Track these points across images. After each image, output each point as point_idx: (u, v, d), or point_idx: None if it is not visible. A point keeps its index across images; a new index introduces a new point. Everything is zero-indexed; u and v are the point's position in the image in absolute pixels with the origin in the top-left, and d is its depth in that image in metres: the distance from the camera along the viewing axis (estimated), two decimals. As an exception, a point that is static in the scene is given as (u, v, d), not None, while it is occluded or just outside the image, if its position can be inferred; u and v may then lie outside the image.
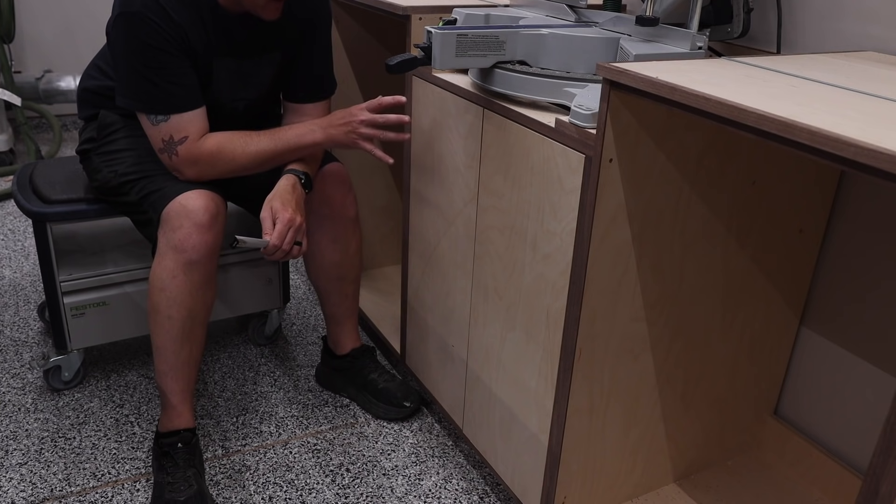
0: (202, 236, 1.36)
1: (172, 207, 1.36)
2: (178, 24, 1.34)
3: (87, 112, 1.59)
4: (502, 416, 1.39)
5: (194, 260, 1.36)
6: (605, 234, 1.09)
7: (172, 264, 1.36)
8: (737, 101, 0.81)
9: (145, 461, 1.55)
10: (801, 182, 1.27)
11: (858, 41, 1.26)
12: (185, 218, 1.35)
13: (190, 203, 1.36)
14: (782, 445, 1.48)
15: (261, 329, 1.96)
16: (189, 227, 1.35)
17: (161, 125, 1.39)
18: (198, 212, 1.35)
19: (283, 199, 1.42)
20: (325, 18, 1.54)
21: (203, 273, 1.38)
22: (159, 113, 1.38)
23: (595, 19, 1.40)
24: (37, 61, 3.39)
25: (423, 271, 1.60)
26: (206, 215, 1.36)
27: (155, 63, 1.34)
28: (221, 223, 1.41)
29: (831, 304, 1.38)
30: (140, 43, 1.32)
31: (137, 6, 1.31)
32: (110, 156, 1.51)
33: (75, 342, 1.70)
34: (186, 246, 1.35)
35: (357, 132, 1.44)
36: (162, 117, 1.38)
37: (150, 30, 1.32)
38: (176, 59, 1.35)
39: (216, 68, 1.43)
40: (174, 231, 1.35)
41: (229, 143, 1.42)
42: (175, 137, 1.39)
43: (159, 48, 1.33)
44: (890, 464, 0.71)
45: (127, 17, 1.32)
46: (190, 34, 1.36)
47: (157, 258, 1.38)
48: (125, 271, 1.70)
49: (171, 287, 1.37)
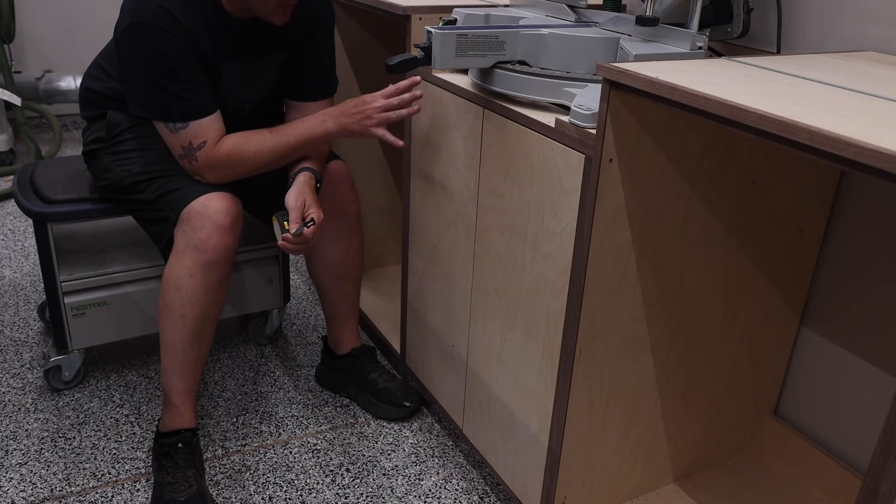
0: (223, 238, 1.37)
1: (194, 207, 1.37)
2: (188, 29, 1.34)
3: (91, 112, 1.59)
4: (502, 416, 1.39)
5: (213, 260, 1.37)
6: (605, 234, 1.09)
7: (191, 263, 1.37)
8: (737, 101, 0.81)
9: (145, 461, 1.55)
10: (801, 182, 1.27)
11: (858, 41, 1.26)
12: (207, 219, 1.36)
13: (212, 205, 1.37)
14: (782, 445, 1.48)
15: (261, 329, 1.96)
16: (210, 228, 1.36)
17: (180, 132, 1.39)
18: (220, 213, 1.36)
19: (313, 196, 1.44)
20: (327, 18, 1.54)
21: (220, 274, 1.39)
22: (178, 120, 1.39)
23: (595, 19, 1.40)
24: (37, 61, 3.39)
25: (423, 271, 1.60)
26: (228, 217, 1.37)
27: (169, 72, 1.35)
28: (241, 226, 1.42)
29: (831, 304, 1.38)
30: (153, 52, 1.33)
31: (149, 17, 1.31)
32: (122, 155, 1.51)
33: (76, 342, 1.70)
34: (207, 246, 1.36)
35: (372, 118, 1.43)
36: (181, 125, 1.39)
37: (163, 39, 1.32)
38: (189, 66, 1.36)
39: (224, 72, 1.45)
40: (195, 231, 1.36)
41: (244, 144, 1.43)
42: (194, 143, 1.40)
43: (172, 56, 1.34)
44: (890, 464, 0.71)
45: (138, 28, 1.32)
46: (199, 39, 1.37)
47: (174, 256, 1.39)
48: (126, 271, 1.70)
49: (187, 286, 1.37)
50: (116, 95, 1.53)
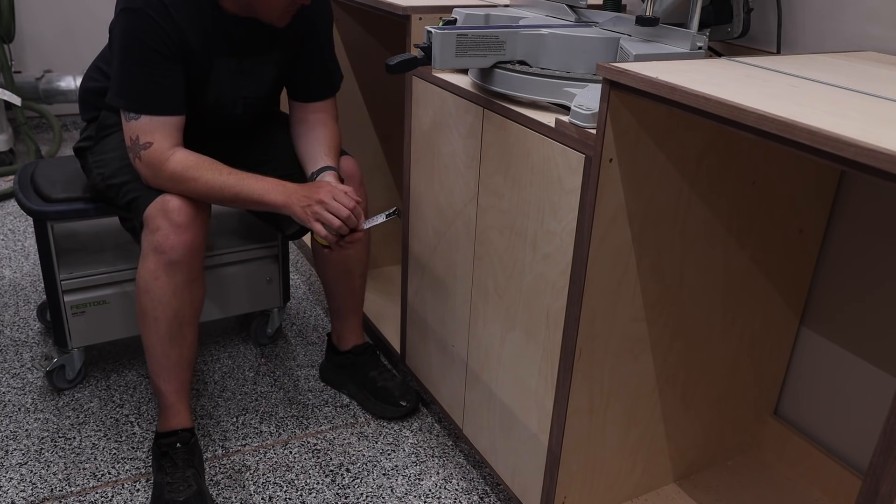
0: (180, 236, 1.35)
1: (153, 208, 1.36)
2: (178, 23, 1.34)
3: (90, 114, 1.59)
4: (502, 416, 1.39)
5: (174, 260, 1.36)
6: (605, 234, 1.09)
7: (154, 266, 1.36)
8: (737, 101, 0.81)
9: (145, 461, 1.55)
10: (801, 182, 1.27)
11: (858, 41, 1.26)
12: (163, 219, 1.35)
13: (168, 204, 1.36)
14: (782, 445, 1.48)
15: (263, 328, 1.97)
16: (167, 228, 1.35)
17: (131, 122, 1.37)
18: (174, 212, 1.35)
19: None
20: (325, 17, 1.54)
21: (186, 273, 1.38)
22: (132, 110, 1.37)
23: (595, 19, 1.40)
24: (37, 61, 3.39)
25: (424, 271, 1.60)
26: (182, 215, 1.36)
27: (144, 60, 1.34)
28: (201, 222, 1.39)
29: (831, 304, 1.38)
30: (134, 38, 1.33)
31: (140, 3, 1.31)
32: (100, 156, 1.52)
33: (76, 341, 1.70)
34: (165, 247, 1.35)
35: (311, 209, 1.36)
36: (133, 115, 1.37)
37: (148, 27, 1.32)
38: (167, 60, 1.35)
39: (216, 68, 1.43)
40: (153, 233, 1.36)
41: (197, 169, 1.36)
42: (140, 140, 1.37)
43: (152, 47, 1.33)
44: (890, 464, 0.71)
45: (128, 12, 1.32)
46: (189, 34, 1.36)
47: (140, 260, 1.39)
48: (125, 270, 1.70)
49: (154, 289, 1.37)
50: None
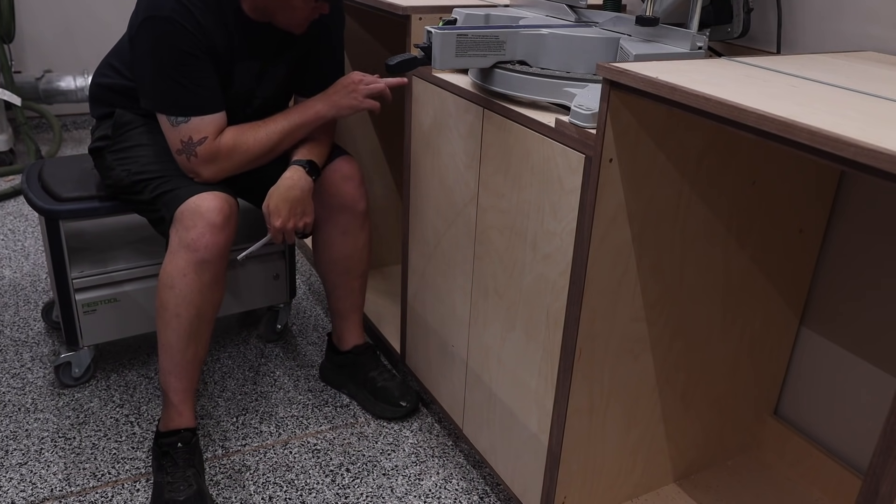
0: (215, 237, 1.37)
1: (187, 207, 1.38)
2: (204, 27, 1.37)
3: (101, 110, 1.61)
4: (502, 416, 1.39)
5: (206, 259, 1.38)
6: (605, 234, 1.09)
7: (184, 263, 1.37)
8: (737, 101, 0.81)
9: (145, 461, 1.55)
10: (801, 182, 1.27)
11: (858, 41, 1.26)
12: (199, 218, 1.37)
13: (204, 203, 1.38)
14: (782, 445, 1.48)
15: (272, 325, 1.98)
16: (202, 227, 1.37)
17: (181, 126, 1.41)
18: (211, 212, 1.37)
19: (280, 199, 1.45)
20: (338, 18, 1.58)
21: (213, 273, 1.40)
22: (179, 115, 1.40)
23: (595, 19, 1.40)
24: (37, 61, 3.39)
25: (423, 271, 1.60)
26: (220, 216, 1.38)
27: (180, 65, 1.37)
28: (234, 224, 1.43)
29: (831, 304, 1.38)
30: (168, 46, 1.35)
31: (167, 11, 1.33)
32: (123, 153, 1.53)
33: (87, 338, 1.71)
34: (199, 245, 1.37)
35: (359, 90, 1.48)
36: (182, 119, 1.40)
37: (178, 33, 1.35)
38: (201, 62, 1.38)
39: (237, 70, 1.47)
40: (187, 230, 1.37)
41: (241, 136, 1.46)
42: (195, 138, 1.41)
43: (186, 51, 1.36)
44: (890, 464, 0.71)
45: (156, 20, 1.34)
46: (215, 38, 1.39)
47: (168, 256, 1.40)
48: (135, 268, 1.72)
49: (181, 285, 1.38)
50: (126, 93, 1.54)
